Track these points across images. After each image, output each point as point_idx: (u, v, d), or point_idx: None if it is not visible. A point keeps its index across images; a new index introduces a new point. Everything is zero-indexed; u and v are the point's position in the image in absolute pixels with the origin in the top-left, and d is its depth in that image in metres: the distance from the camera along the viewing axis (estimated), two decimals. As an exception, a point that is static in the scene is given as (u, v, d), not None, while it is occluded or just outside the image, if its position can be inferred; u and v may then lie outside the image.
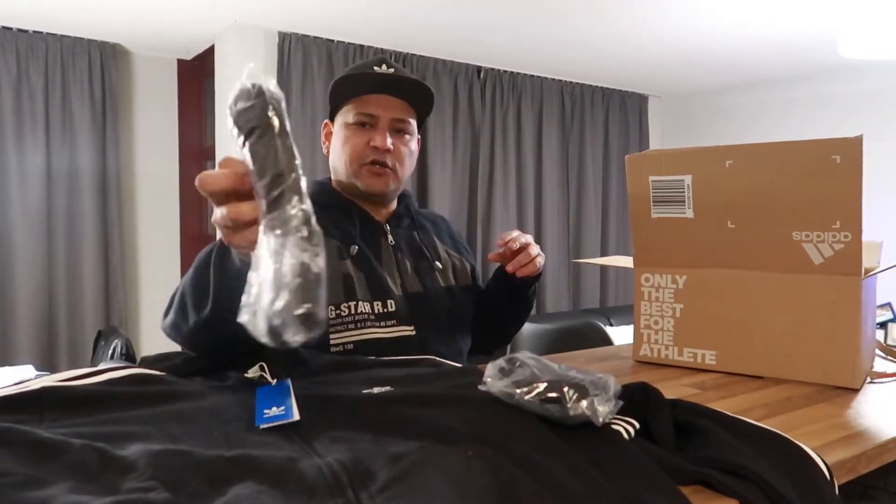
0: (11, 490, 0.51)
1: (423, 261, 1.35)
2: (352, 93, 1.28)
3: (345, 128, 1.29)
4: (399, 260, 1.32)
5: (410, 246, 1.36)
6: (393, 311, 1.24)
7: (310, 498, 0.53)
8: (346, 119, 1.28)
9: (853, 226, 1.00)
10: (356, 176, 1.29)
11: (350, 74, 1.29)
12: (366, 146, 1.27)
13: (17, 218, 3.57)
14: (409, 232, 1.38)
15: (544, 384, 0.69)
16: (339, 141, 1.30)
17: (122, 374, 0.78)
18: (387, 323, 1.22)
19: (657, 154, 1.19)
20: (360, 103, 1.27)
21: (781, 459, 0.67)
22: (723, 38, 3.76)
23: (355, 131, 1.28)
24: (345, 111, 1.29)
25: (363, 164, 1.27)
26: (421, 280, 1.32)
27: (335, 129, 1.33)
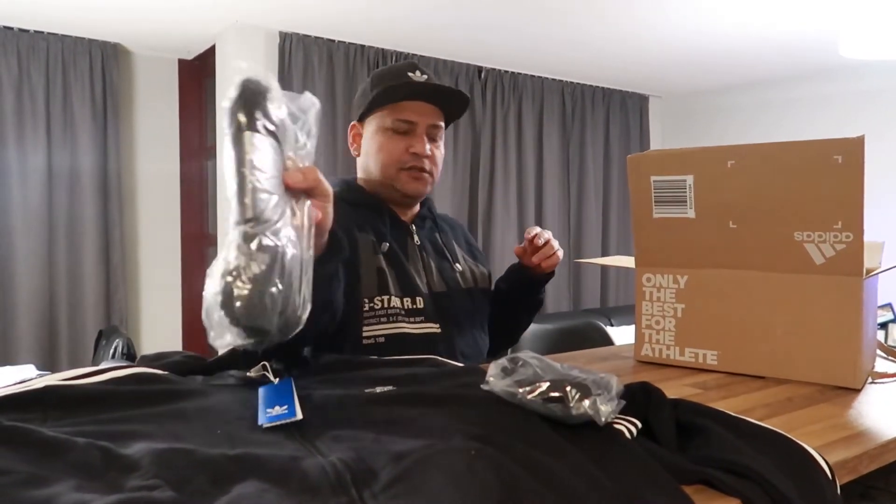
0: (15, 488, 0.51)
1: (444, 262, 1.40)
2: (388, 98, 1.30)
3: (382, 133, 1.31)
4: (424, 259, 1.36)
5: (434, 247, 1.40)
6: (421, 307, 1.28)
7: (313, 496, 0.54)
8: (382, 124, 1.31)
9: (855, 226, 1.00)
10: (395, 179, 1.32)
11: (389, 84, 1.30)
12: (404, 152, 1.30)
13: (18, 217, 3.58)
14: (432, 233, 1.42)
15: (547, 383, 0.69)
16: (374, 145, 1.32)
17: (125, 373, 0.78)
18: (415, 319, 1.26)
19: (659, 154, 1.19)
20: (398, 109, 1.30)
21: (783, 459, 0.67)
22: (723, 38, 3.76)
23: (393, 137, 1.30)
24: (380, 116, 1.31)
25: (402, 169, 1.31)
26: (444, 280, 1.36)
27: (369, 132, 1.34)
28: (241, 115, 0.66)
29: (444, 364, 0.95)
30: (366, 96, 1.33)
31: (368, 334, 1.21)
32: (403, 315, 1.25)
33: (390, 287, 1.26)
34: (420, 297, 1.29)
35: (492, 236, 4.47)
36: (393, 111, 1.30)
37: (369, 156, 1.34)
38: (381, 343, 1.21)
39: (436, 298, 1.32)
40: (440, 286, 1.35)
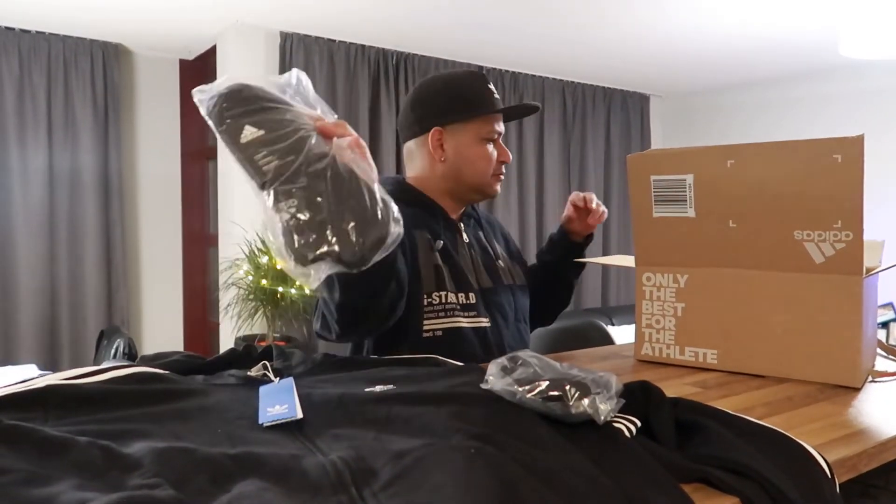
0: (16, 487, 0.51)
1: (489, 258, 1.47)
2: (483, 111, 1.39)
3: (479, 143, 1.40)
4: (473, 256, 1.43)
5: (479, 244, 1.48)
6: (473, 302, 1.36)
7: (313, 495, 0.54)
8: (478, 134, 1.39)
9: (854, 225, 1.00)
10: (487, 184, 1.43)
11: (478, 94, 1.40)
12: (496, 160, 1.42)
13: (20, 218, 3.58)
14: (476, 231, 1.50)
15: (546, 382, 0.69)
16: (472, 153, 1.40)
17: (126, 372, 0.79)
18: (469, 314, 1.35)
19: (658, 154, 1.19)
20: (489, 122, 1.40)
21: (782, 458, 0.67)
22: (724, 37, 3.76)
23: (487, 146, 1.41)
24: (473, 127, 1.39)
25: (493, 174, 1.43)
26: (490, 276, 1.43)
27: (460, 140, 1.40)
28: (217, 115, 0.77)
29: (443, 363, 0.95)
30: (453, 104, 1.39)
31: (428, 328, 1.30)
32: (459, 310, 1.33)
33: (446, 283, 1.33)
34: (472, 293, 1.36)
35: (492, 236, 4.46)
36: (486, 123, 1.40)
37: (464, 162, 1.40)
38: (439, 336, 1.30)
39: (484, 293, 1.39)
40: (487, 282, 1.42)
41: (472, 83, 1.41)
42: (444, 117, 1.38)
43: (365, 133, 3.93)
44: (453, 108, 1.38)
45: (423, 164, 1.42)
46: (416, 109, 1.42)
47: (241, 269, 3.49)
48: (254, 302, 3.45)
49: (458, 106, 1.37)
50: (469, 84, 1.41)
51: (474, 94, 1.39)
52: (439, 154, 1.40)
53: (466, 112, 1.37)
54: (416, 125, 1.41)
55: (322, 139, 0.80)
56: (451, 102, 1.39)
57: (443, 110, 1.39)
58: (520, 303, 1.48)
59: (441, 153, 1.40)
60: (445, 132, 1.39)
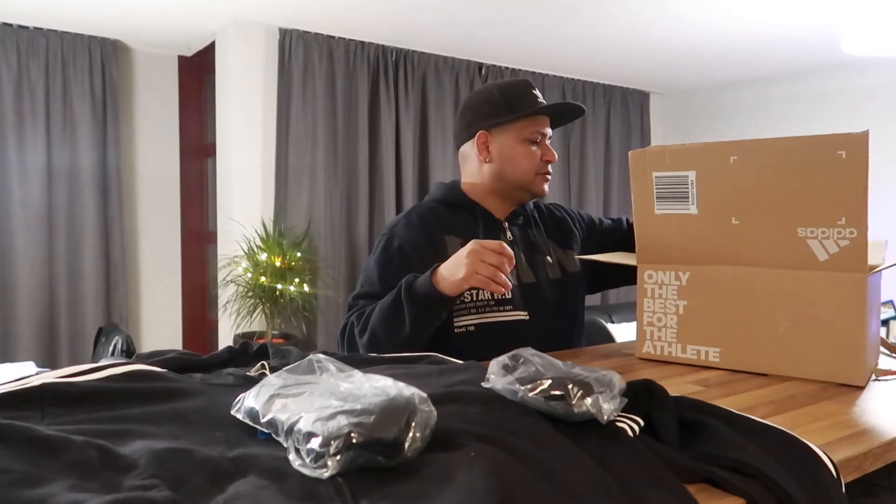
0: (10, 488, 0.50)
1: (536, 254, 1.51)
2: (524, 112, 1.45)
3: (522, 143, 1.46)
4: (515, 252, 1.43)
5: (525, 241, 1.52)
6: (510, 297, 1.40)
7: (310, 496, 0.53)
8: (521, 135, 1.45)
9: (859, 222, 0.99)
10: (532, 183, 1.47)
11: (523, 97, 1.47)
12: (540, 159, 1.47)
13: (18, 215, 3.57)
14: (525, 229, 1.54)
15: (549, 381, 0.69)
16: (516, 153, 1.46)
17: (123, 370, 0.78)
18: (504, 308, 1.40)
19: (661, 150, 1.18)
20: (533, 124, 1.46)
21: (788, 457, 0.66)
22: (724, 34, 3.75)
23: (531, 147, 1.46)
24: (517, 128, 1.45)
25: (538, 174, 1.47)
26: (534, 271, 1.48)
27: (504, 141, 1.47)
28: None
29: (444, 362, 0.94)
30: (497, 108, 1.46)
31: (459, 324, 1.37)
32: (493, 305, 1.39)
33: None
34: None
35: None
36: (529, 125, 1.46)
37: (509, 162, 1.47)
38: (472, 331, 1.37)
39: (524, 288, 1.44)
40: (529, 277, 1.46)
41: (516, 88, 1.49)
42: (489, 120, 1.47)
43: (364, 130, 3.92)
44: (497, 112, 1.46)
45: (473, 167, 1.51)
46: (465, 116, 1.51)
47: (240, 266, 3.48)
48: (252, 299, 3.45)
49: (502, 109, 1.46)
50: (513, 89, 1.49)
51: (517, 98, 1.46)
52: (485, 155, 1.48)
53: (509, 114, 1.45)
54: (466, 131, 1.50)
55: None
56: (495, 107, 1.47)
57: (488, 114, 1.47)
58: (567, 297, 1.50)
59: (487, 154, 1.48)
60: (491, 135, 1.47)
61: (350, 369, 0.70)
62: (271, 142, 3.73)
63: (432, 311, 1.26)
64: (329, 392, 0.62)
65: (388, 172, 4.02)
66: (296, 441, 0.58)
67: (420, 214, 1.46)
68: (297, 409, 0.61)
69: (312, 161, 3.76)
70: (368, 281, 1.40)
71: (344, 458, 0.55)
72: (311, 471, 0.55)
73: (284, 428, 0.60)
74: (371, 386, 0.63)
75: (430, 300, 1.23)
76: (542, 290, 1.46)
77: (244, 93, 3.68)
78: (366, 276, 1.42)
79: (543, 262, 1.50)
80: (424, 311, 1.25)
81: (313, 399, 0.61)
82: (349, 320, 1.35)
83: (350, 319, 1.35)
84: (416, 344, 1.24)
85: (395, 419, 0.57)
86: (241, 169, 3.70)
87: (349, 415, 0.57)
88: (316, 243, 3.76)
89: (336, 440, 0.55)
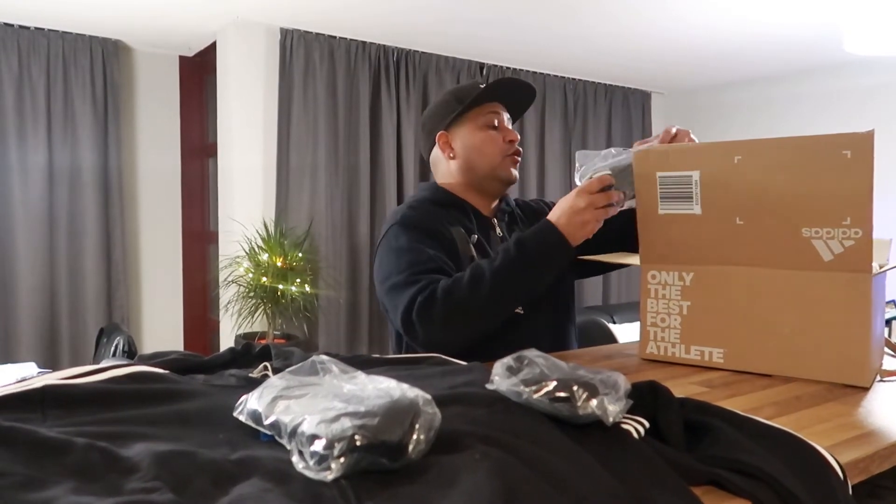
0: (12, 491, 0.50)
1: None
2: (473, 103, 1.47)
3: (479, 130, 1.47)
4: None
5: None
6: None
7: (314, 499, 0.53)
8: (476, 124, 1.47)
9: (864, 222, 0.99)
10: (500, 167, 1.47)
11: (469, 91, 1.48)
12: (504, 141, 1.47)
13: (19, 215, 3.57)
14: (511, 225, 1.55)
15: (553, 383, 0.68)
16: (476, 141, 1.48)
17: (125, 371, 0.77)
18: None
19: (665, 150, 1.17)
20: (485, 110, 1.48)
21: (794, 460, 0.66)
22: (726, 34, 3.74)
23: (490, 132, 1.47)
24: (471, 119, 1.47)
25: (506, 156, 1.48)
26: None
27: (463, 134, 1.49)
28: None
29: (447, 362, 0.94)
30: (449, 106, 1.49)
31: None
32: None
33: None
34: None
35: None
36: (482, 111, 1.48)
37: (472, 151, 1.48)
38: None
39: None
40: None
41: (462, 85, 1.53)
42: (445, 120, 1.50)
43: (365, 130, 3.92)
44: (450, 110, 1.49)
45: (443, 169, 1.53)
46: (425, 126, 1.54)
47: (241, 266, 3.48)
48: (254, 299, 3.44)
49: (453, 106, 1.48)
50: (460, 86, 1.53)
51: (464, 92, 1.49)
52: (450, 153, 1.50)
53: (458, 106, 1.47)
54: (428, 138, 1.54)
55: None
56: (447, 106, 1.50)
57: (442, 115, 1.51)
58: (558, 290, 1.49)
59: (451, 151, 1.51)
60: (450, 133, 1.50)
61: (353, 371, 0.70)
62: (272, 142, 3.73)
63: (561, 251, 1.25)
64: (332, 394, 0.62)
65: (389, 172, 4.01)
66: (299, 443, 0.57)
67: (419, 206, 1.44)
68: (300, 411, 0.60)
69: (314, 161, 3.76)
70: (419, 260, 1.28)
71: (348, 460, 0.54)
72: (315, 473, 0.55)
73: (288, 430, 0.59)
74: (374, 387, 0.62)
75: (562, 244, 1.23)
76: None
77: (245, 93, 3.68)
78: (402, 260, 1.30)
79: None
80: (555, 252, 1.24)
81: (317, 401, 0.61)
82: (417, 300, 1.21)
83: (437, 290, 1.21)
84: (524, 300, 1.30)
85: (399, 421, 0.57)
86: (243, 169, 3.69)
87: (353, 417, 0.56)
88: (317, 243, 3.76)
89: (340, 442, 0.55)
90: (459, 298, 1.20)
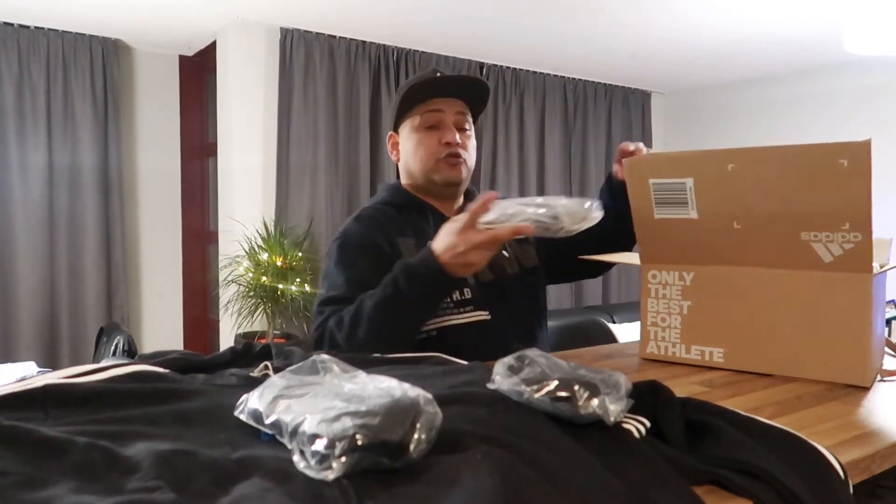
0: (14, 490, 0.50)
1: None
2: (415, 101, 1.41)
3: (415, 132, 1.42)
4: None
5: None
6: (469, 297, 1.35)
7: (315, 499, 0.52)
8: (413, 124, 1.41)
9: (863, 227, 0.98)
10: (434, 171, 1.41)
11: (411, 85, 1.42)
12: (438, 144, 1.40)
13: (19, 215, 3.57)
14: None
15: (555, 382, 0.68)
16: (411, 144, 1.43)
17: (125, 371, 0.77)
18: (464, 309, 1.34)
19: (657, 157, 1.17)
20: (426, 108, 1.41)
21: (795, 459, 0.66)
22: (726, 33, 3.74)
23: (426, 133, 1.40)
24: (411, 118, 1.42)
25: (439, 160, 1.40)
26: (492, 268, 1.40)
27: (404, 136, 1.45)
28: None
29: (448, 362, 0.94)
30: (394, 106, 1.44)
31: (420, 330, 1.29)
32: (452, 308, 1.33)
33: None
34: (468, 288, 1.35)
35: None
36: (420, 110, 1.41)
37: (409, 155, 1.44)
38: (434, 336, 1.30)
39: (483, 287, 1.38)
40: (488, 275, 1.40)
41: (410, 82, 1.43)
42: (393, 121, 1.46)
43: (365, 130, 3.92)
44: (394, 112, 1.45)
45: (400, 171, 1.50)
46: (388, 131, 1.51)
47: (241, 266, 3.48)
48: (254, 299, 3.44)
49: (397, 104, 1.43)
50: (408, 84, 1.43)
51: (408, 91, 1.41)
52: (395, 155, 1.49)
53: (400, 108, 1.43)
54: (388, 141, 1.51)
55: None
56: (393, 106, 1.45)
57: (392, 116, 1.47)
58: (528, 290, 1.46)
59: (396, 153, 1.48)
60: (398, 134, 1.47)
61: (354, 370, 0.69)
62: (272, 141, 3.73)
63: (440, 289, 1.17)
64: (333, 393, 0.62)
65: (389, 172, 4.01)
66: (300, 443, 0.57)
67: (370, 216, 1.41)
68: (301, 410, 0.60)
69: (314, 160, 3.76)
70: (334, 286, 1.32)
71: (349, 459, 0.54)
72: (316, 472, 0.55)
73: (289, 430, 0.59)
74: (375, 387, 0.62)
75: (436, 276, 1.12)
76: (502, 288, 1.41)
77: (245, 92, 3.68)
78: (329, 281, 1.34)
79: (500, 258, 1.43)
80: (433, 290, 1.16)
81: (317, 400, 0.61)
82: (326, 329, 1.24)
83: (327, 327, 1.24)
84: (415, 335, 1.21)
85: (400, 421, 0.57)
86: (243, 168, 3.69)
87: (354, 416, 0.56)
88: (317, 243, 3.76)
89: (341, 442, 0.55)
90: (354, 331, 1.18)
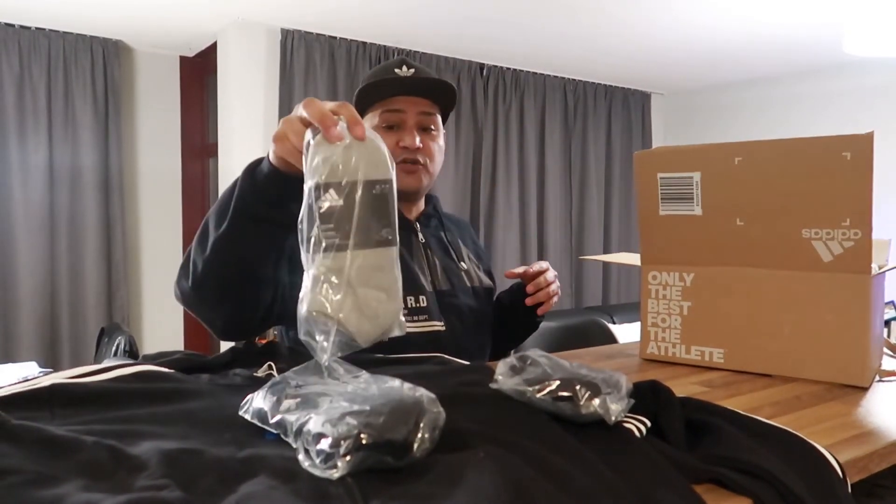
0: (23, 488, 0.51)
1: (450, 260, 1.40)
2: (377, 97, 1.30)
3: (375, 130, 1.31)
4: (429, 257, 1.36)
5: (439, 245, 1.40)
6: (424, 306, 1.28)
7: (321, 497, 0.53)
8: (372, 123, 1.30)
9: (863, 223, 1.00)
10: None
11: (373, 80, 1.31)
12: (395, 147, 1.28)
13: (20, 215, 3.57)
14: (437, 231, 1.42)
15: (556, 382, 0.69)
16: None
17: (131, 371, 0.78)
18: (418, 318, 1.26)
19: (666, 151, 1.18)
20: (386, 105, 1.30)
21: (795, 458, 0.66)
22: (726, 34, 3.75)
23: (384, 133, 1.28)
24: (370, 116, 1.31)
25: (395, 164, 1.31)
26: (449, 278, 1.36)
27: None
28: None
29: (450, 362, 0.95)
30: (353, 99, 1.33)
31: None
32: (406, 316, 1.24)
33: None
34: (423, 296, 1.29)
35: (493, 234, 4.47)
36: (381, 107, 1.30)
37: None
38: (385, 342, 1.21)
39: (440, 296, 1.33)
40: (445, 284, 1.35)
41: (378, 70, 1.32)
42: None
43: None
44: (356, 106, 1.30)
45: None
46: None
47: (242, 266, 3.48)
48: (255, 299, 3.44)
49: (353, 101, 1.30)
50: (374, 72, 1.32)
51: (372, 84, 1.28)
52: None
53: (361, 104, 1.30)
54: None
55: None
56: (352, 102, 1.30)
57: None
58: (482, 306, 1.41)
59: None
60: None
61: (358, 370, 0.70)
62: (273, 142, 3.73)
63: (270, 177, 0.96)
64: (337, 393, 0.62)
65: (389, 173, 4.02)
66: (305, 442, 0.58)
67: None
68: (305, 410, 0.61)
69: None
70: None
71: (353, 458, 0.55)
72: (321, 471, 0.55)
73: (293, 429, 0.60)
74: (379, 387, 0.63)
75: (262, 162, 0.96)
76: (458, 298, 1.35)
77: (246, 93, 3.68)
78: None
79: (458, 269, 1.39)
80: (261, 177, 0.97)
81: (322, 400, 0.62)
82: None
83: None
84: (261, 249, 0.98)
85: (403, 420, 0.58)
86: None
87: (358, 416, 0.57)
88: (317, 243, 3.76)
89: (346, 441, 0.55)
90: (191, 250, 1.02)
